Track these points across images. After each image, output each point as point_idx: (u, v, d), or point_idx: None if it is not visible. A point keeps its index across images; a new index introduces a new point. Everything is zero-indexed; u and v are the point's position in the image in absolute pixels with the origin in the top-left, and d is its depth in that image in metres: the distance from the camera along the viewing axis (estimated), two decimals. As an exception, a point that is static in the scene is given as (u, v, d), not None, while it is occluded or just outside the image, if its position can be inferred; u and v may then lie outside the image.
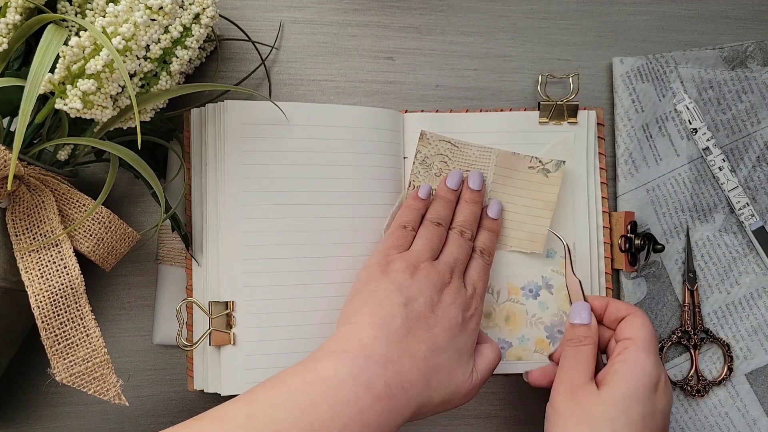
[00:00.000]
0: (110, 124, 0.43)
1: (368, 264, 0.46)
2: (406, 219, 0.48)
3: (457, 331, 0.44)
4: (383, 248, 0.46)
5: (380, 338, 0.40)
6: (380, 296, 0.43)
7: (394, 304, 0.42)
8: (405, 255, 0.45)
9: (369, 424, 0.37)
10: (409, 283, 0.43)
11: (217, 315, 0.46)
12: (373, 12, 0.55)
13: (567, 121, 0.53)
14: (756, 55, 0.55)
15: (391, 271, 0.44)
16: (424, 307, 0.43)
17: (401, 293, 0.43)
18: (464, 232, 0.48)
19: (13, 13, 0.39)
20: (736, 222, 0.54)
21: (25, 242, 0.40)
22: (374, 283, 0.44)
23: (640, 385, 0.42)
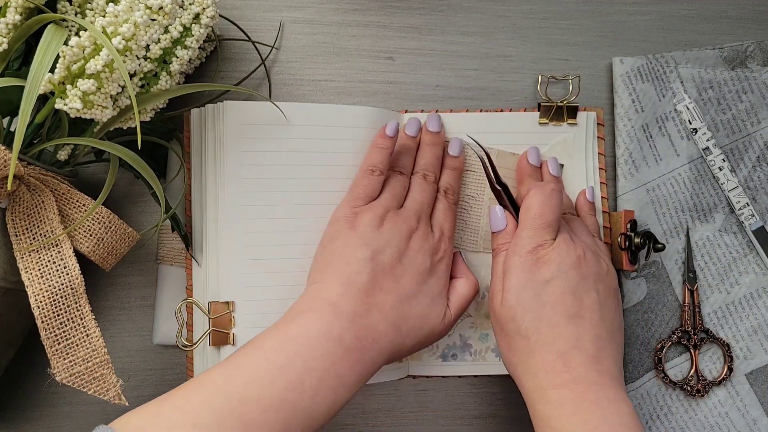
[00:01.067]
0: (110, 124, 0.43)
1: (335, 217, 0.46)
2: (373, 161, 0.47)
3: (426, 276, 0.45)
4: (350, 198, 0.46)
5: (347, 295, 0.42)
6: (347, 253, 0.43)
7: (360, 260, 0.43)
8: (371, 206, 0.45)
9: (343, 375, 0.39)
10: (375, 235, 0.44)
11: (217, 315, 0.46)
12: (373, 12, 0.55)
13: (567, 122, 0.53)
14: (756, 55, 0.55)
15: (357, 225, 0.44)
16: (390, 258, 0.43)
17: (368, 247, 0.43)
18: (427, 175, 0.49)
19: (13, 13, 0.39)
20: (736, 222, 0.54)
21: (25, 242, 0.40)
22: (341, 239, 0.44)
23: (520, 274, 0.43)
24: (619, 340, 0.44)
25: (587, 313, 0.42)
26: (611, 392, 0.40)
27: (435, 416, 0.53)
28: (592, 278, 0.43)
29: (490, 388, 0.53)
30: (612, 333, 0.43)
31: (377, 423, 0.52)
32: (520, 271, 0.43)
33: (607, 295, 0.44)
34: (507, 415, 0.53)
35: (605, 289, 0.44)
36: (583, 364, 0.40)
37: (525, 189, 0.47)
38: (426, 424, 0.52)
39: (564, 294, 0.42)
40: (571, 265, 0.43)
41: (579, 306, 0.42)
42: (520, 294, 0.42)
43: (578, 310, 0.42)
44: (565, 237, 0.44)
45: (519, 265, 0.43)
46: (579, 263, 0.43)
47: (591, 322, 0.42)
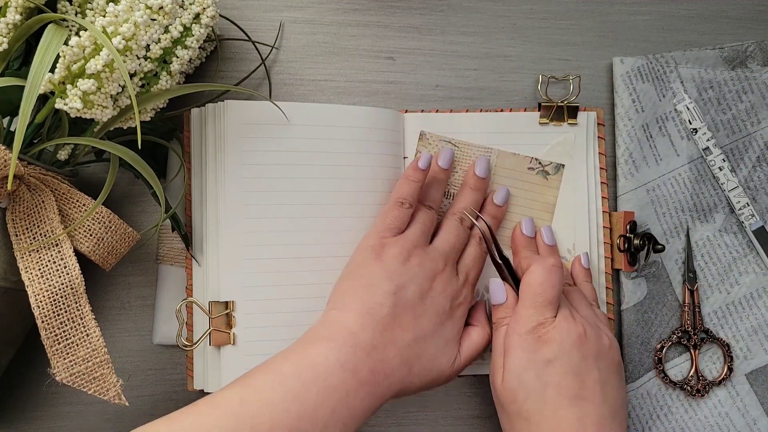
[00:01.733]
0: (110, 123, 0.43)
1: (363, 245, 0.46)
2: (404, 193, 0.47)
3: (444, 319, 0.44)
4: (379, 229, 0.46)
5: (367, 326, 0.41)
6: (371, 283, 0.43)
7: (384, 293, 0.43)
8: (400, 240, 0.45)
9: (354, 407, 0.39)
10: (401, 270, 0.44)
11: (217, 315, 0.46)
12: (373, 12, 0.55)
13: (567, 122, 0.53)
14: (756, 55, 0.55)
15: (384, 256, 0.44)
16: (413, 295, 0.43)
17: (392, 281, 0.43)
18: (464, 219, 0.48)
19: (13, 13, 0.39)
20: (736, 222, 0.54)
21: (25, 242, 0.40)
22: (367, 267, 0.44)
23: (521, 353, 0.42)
24: (623, 417, 0.43)
25: (590, 393, 0.41)
26: None
27: (435, 416, 0.52)
28: (593, 356, 0.42)
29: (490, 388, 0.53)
30: (615, 411, 0.42)
31: (377, 423, 0.52)
32: (520, 351, 0.42)
33: (609, 372, 0.43)
34: (507, 415, 0.53)
35: (607, 366, 0.43)
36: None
37: (525, 262, 0.47)
38: (426, 424, 0.52)
39: (566, 375, 0.41)
40: (572, 344, 0.42)
41: (581, 387, 0.41)
42: (521, 375, 0.42)
43: (580, 391, 0.41)
44: (566, 314, 0.43)
45: (520, 345, 0.42)
46: (580, 342, 0.42)
47: (593, 403, 0.41)
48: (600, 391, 0.42)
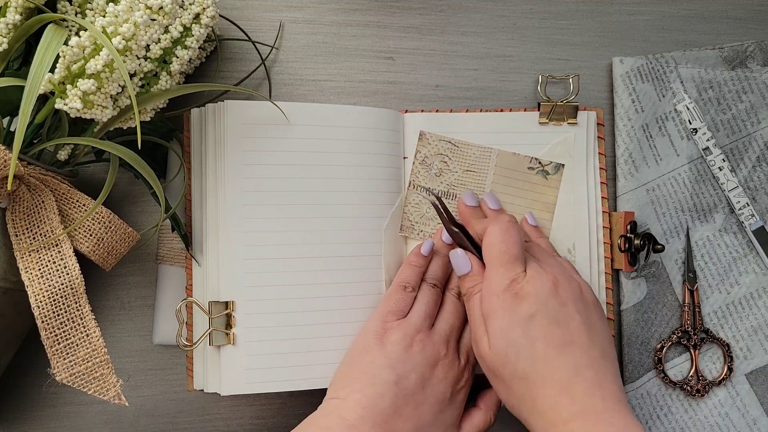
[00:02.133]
0: (110, 124, 0.43)
1: (366, 329, 0.46)
2: (406, 278, 0.47)
3: (445, 406, 0.44)
4: (382, 313, 0.46)
5: (366, 419, 0.41)
6: (372, 372, 0.43)
7: (385, 383, 0.42)
8: (402, 324, 0.45)
9: None
10: (403, 357, 0.43)
11: (217, 315, 0.46)
12: (373, 12, 0.55)
13: (567, 122, 0.53)
14: (756, 55, 0.55)
15: (387, 343, 0.44)
16: (414, 384, 0.43)
17: (394, 370, 0.43)
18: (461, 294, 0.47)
19: (13, 13, 0.39)
20: (736, 222, 0.54)
21: (25, 242, 0.40)
22: (369, 354, 0.44)
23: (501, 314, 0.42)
24: (613, 355, 0.43)
25: (576, 338, 0.41)
26: (620, 419, 0.39)
27: (435, 416, 0.52)
28: (571, 301, 0.42)
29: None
30: (605, 351, 0.42)
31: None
32: (501, 311, 0.42)
33: (589, 313, 0.43)
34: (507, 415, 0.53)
35: (586, 308, 0.43)
36: (587, 393, 0.39)
37: (479, 227, 0.46)
38: (426, 424, 0.52)
39: (550, 325, 0.41)
40: (548, 294, 0.42)
41: (567, 333, 0.41)
42: (508, 335, 0.41)
43: (567, 338, 0.41)
44: (535, 266, 0.43)
45: (499, 306, 0.42)
46: (555, 290, 0.42)
47: (582, 346, 0.41)
48: (586, 333, 0.41)
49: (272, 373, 0.46)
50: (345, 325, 0.47)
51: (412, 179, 0.51)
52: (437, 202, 0.47)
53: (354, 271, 0.48)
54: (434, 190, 0.51)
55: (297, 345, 0.46)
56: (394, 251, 0.50)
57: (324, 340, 0.47)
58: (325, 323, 0.47)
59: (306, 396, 0.52)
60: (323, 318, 0.47)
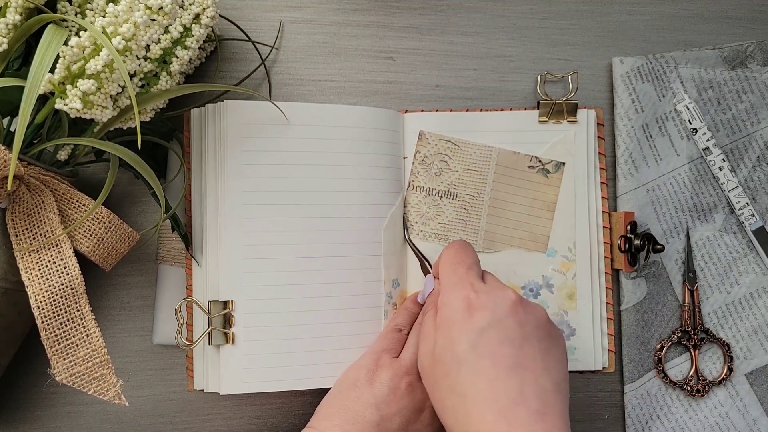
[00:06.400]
0: (110, 124, 0.43)
1: (358, 364, 0.45)
2: (401, 321, 0.47)
3: None
4: (376, 350, 0.45)
5: None
6: (356, 409, 0.42)
7: (367, 422, 0.41)
8: (394, 364, 0.44)
9: None
10: (390, 398, 0.42)
11: (216, 314, 0.46)
12: (373, 12, 0.55)
13: (567, 120, 0.53)
14: (756, 55, 0.55)
15: (376, 381, 0.43)
16: (397, 427, 0.42)
17: (378, 410, 0.42)
18: None
19: (13, 13, 0.39)
20: (736, 222, 0.54)
21: (25, 242, 0.40)
22: (356, 390, 0.43)
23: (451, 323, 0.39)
24: (565, 392, 0.39)
25: (530, 363, 0.37)
26: None
27: (435, 416, 0.52)
28: (532, 324, 0.39)
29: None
30: (558, 384, 0.38)
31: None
32: (451, 323, 0.39)
33: (550, 342, 0.39)
34: None
35: (548, 335, 0.39)
36: (527, 423, 0.35)
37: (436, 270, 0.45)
38: (426, 424, 0.52)
39: (502, 343, 0.37)
40: (506, 311, 0.38)
41: (520, 355, 0.37)
42: (454, 347, 0.38)
43: (519, 360, 0.37)
44: (494, 281, 0.41)
45: (450, 316, 0.39)
46: (515, 309, 0.39)
47: (534, 373, 0.37)
48: (541, 360, 0.38)
49: (271, 373, 0.46)
50: (344, 324, 0.47)
51: (411, 179, 0.51)
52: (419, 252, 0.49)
53: (353, 271, 0.48)
54: (434, 190, 0.51)
55: (296, 344, 0.46)
56: (394, 251, 0.50)
57: (323, 339, 0.47)
58: (324, 323, 0.47)
59: (305, 396, 0.52)
60: (322, 318, 0.47)
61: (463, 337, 0.38)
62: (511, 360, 0.37)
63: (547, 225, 0.52)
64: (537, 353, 0.38)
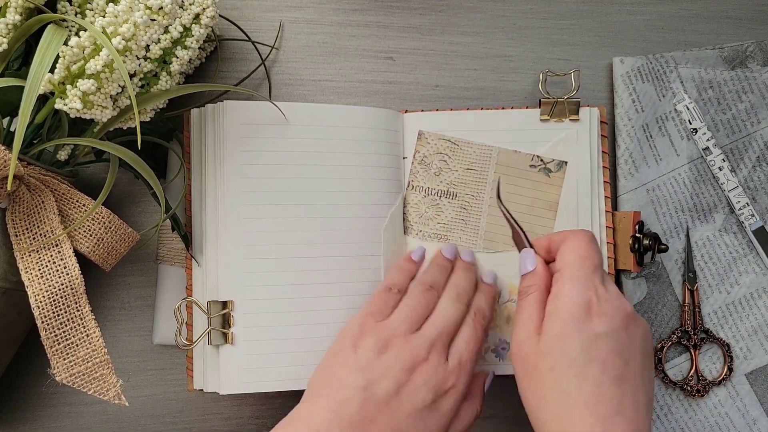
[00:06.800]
0: (110, 124, 0.43)
1: (344, 330, 0.44)
2: (394, 281, 0.46)
3: (426, 413, 0.41)
4: (362, 314, 0.44)
5: (334, 425, 0.39)
6: (341, 376, 0.41)
7: (353, 388, 0.40)
8: (379, 327, 0.43)
9: None
10: (374, 363, 0.41)
11: (216, 314, 0.46)
12: (373, 12, 0.55)
13: (569, 119, 0.52)
14: (756, 55, 0.55)
15: (359, 347, 0.42)
16: (386, 390, 0.40)
17: (363, 374, 0.41)
18: (460, 294, 0.46)
19: (13, 13, 0.39)
20: (736, 222, 0.54)
21: (25, 242, 0.40)
22: (341, 357, 0.42)
23: (569, 319, 0.39)
24: (651, 407, 0.40)
25: (631, 376, 0.39)
26: None
27: (435, 416, 0.52)
28: (639, 339, 0.40)
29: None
30: (648, 398, 0.40)
31: (377, 423, 0.52)
32: (569, 318, 0.39)
33: (647, 358, 0.41)
34: (507, 415, 0.53)
35: (647, 352, 0.41)
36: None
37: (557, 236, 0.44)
38: (426, 424, 0.52)
39: (613, 352, 0.39)
40: (621, 321, 0.39)
41: (625, 368, 0.39)
42: (566, 343, 0.39)
43: (624, 373, 0.39)
44: (614, 288, 0.41)
45: (569, 311, 0.39)
46: (628, 322, 0.40)
47: (633, 386, 0.39)
48: (640, 375, 0.39)
49: (271, 373, 0.46)
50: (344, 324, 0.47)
51: (411, 179, 0.51)
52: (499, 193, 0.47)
53: (353, 270, 0.48)
54: (434, 190, 0.51)
55: (296, 344, 0.46)
56: (394, 251, 0.50)
57: (323, 339, 0.47)
58: (324, 323, 0.47)
59: (306, 396, 0.52)
60: (322, 317, 0.47)
61: (577, 336, 0.39)
62: (618, 370, 0.38)
63: (549, 225, 0.52)
64: (638, 368, 0.40)
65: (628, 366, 0.39)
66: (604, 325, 0.39)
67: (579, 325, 0.39)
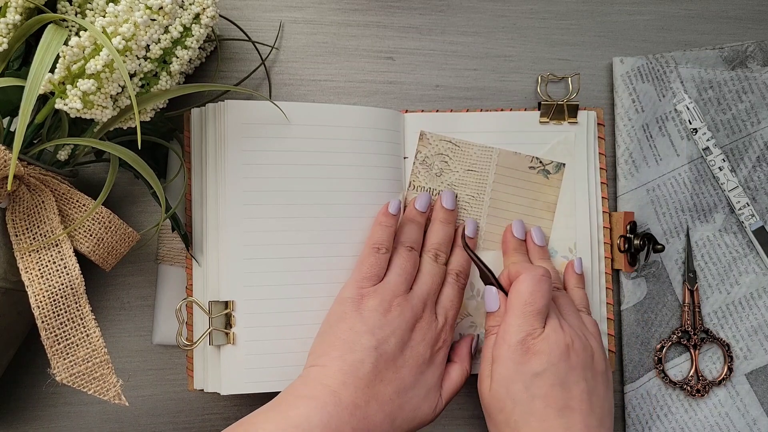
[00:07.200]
0: (110, 124, 0.43)
1: (342, 297, 0.45)
2: (378, 239, 0.47)
3: (425, 367, 0.44)
4: (357, 278, 0.45)
5: (348, 384, 0.41)
6: (351, 339, 0.43)
7: (365, 348, 0.42)
8: (379, 289, 0.45)
9: None
10: (381, 323, 0.43)
11: (217, 314, 0.46)
12: (373, 12, 0.55)
13: (567, 121, 0.53)
14: (756, 55, 0.55)
15: (364, 309, 0.44)
16: (394, 348, 0.43)
17: (373, 335, 0.43)
18: (438, 255, 0.48)
19: (13, 13, 0.39)
20: (736, 222, 0.54)
21: (25, 242, 0.40)
22: (347, 322, 0.44)
23: (509, 363, 0.43)
24: (609, 425, 0.44)
25: (577, 404, 0.42)
26: None
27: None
28: (580, 367, 0.43)
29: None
30: (602, 420, 0.43)
31: (377, 423, 0.52)
32: (509, 362, 0.42)
33: (596, 381, 0.44)
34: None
35: (594, 376, 0.44)
36: None
37: (514, 268, 0.47)
38: (426, 424, 0.52)
39: (554, 386, 0.42)
40: (560, 355, 0.42)
41: (568, 397, 0.42)
42: (509, 386, 0.42)
43: (568, 402, 0.42)
44: (555, 325, 0.44)
45: (508, 356, 0.43)
46: (568, 353, 0.43)
47: (581, 412, 0.42)
48: (587, 400, 0.42)
49: (272, 373, 0.46)
50: None
51: (412, 179, 0.51)
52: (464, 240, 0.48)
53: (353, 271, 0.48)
54: (435, 190, 0.51)
55: (297, 344, 0.46)
56: (394, 251, 0.50)
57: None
58: (325, 323, 0.47)
59: (306, 396, 0.52)
60: (323, 317, 0.47)
61: (518, 379, 0.42)
62: (561, 401, 0.41)
63: (547, 225, 0.52)
64: (584, 394, 0.42)
65: (571, 394, 0.42)
66: (542, 364, 0.42)
67: (519, 368, 0.42)
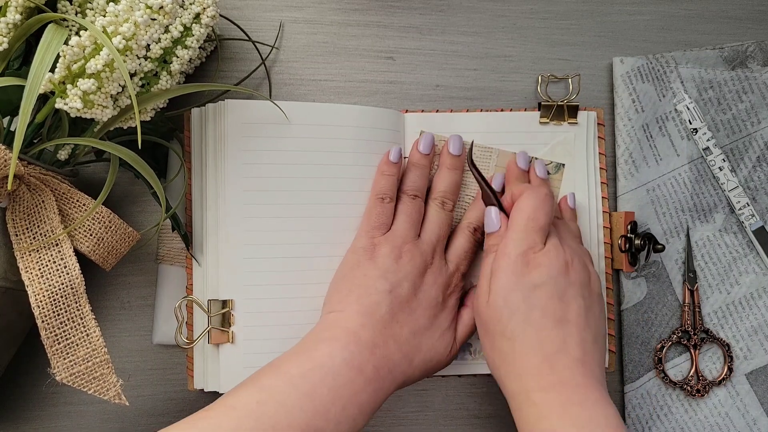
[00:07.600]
0: (110, 123, 0.43)
1: (354, 247, 0.47)
2: (382, 188, 0.48)
3: (438, 310, 0.46)
4: (367, 229, 0.47)
5: (367, 326, 0.43)
6: (367, 284, 0.44)
7: (380, 292, 0.44)
8: (389, 237, 0.46)
9: (362, 403, 0.41)
10: (394, 268, 0.45)
11: (216, 313, 0.46)
12: (373, 12, 0.55)
13: (567, 122, 0.53)
14: (756, 55, 0.55)
15: (377, 256, 0.45)
16: (407, 291, 0.45)
17: (387, 280, 0.44)
18: (445, 203, 0.49)
19: (13, 13, 0.39)
20: (736, 222, 0.54)
21: (25, 242, 0.40)
22: (361, 269, 0.45)
23: (509, 274, 0.43)
24: (603, 345, 0.44)
25: (573, 318, 0.42)
26: (596, 394, 0.41)
27: (435, 416, 0.53)
28: (578, 285, 0.44)
29: (490, 388, 0.53)
30: (596, 338, 0.43)
31: (377, 423, 0.52)
32: (509, 273, 0.43)
33: (592, 301, 0.44)
34: (507, 415, 0.53)
35: (591, 295, 0.44)
36: (569, 367, 0.41)
37: (517, 189, 0.47)
38: (426, 424, 0.52)
39: (552, 299, 0.42)
40: (559, 270, 0.43)
41: (566, 311, 0.42)
42: (508, 295, 0.43)
43: (565, 315, 0.42)
44: (555, 242, 0.44)
45: (508, 267, 0.43)
46: (567, 269, 0.44)
47: (577, 326, 0.42)
48: (584, 316, 0.43)
49: (272, 373, 0.46)
50: None
51: (412, 179, 0.51)
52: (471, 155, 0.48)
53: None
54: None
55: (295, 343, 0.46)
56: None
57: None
58: (325, 323, 0.47)
59: (306, 396, 0.52)
60: (323, 318, 0.47)
61: (517, 288, 0.43)
62: (558, 314, 0.42)
63: (547, 225, 0.52)
64: (581, 309, 0.43)
65: (569, 308, 0.43)
66: (541, 276, 0.43)
67: (519, 279, 0.43)
